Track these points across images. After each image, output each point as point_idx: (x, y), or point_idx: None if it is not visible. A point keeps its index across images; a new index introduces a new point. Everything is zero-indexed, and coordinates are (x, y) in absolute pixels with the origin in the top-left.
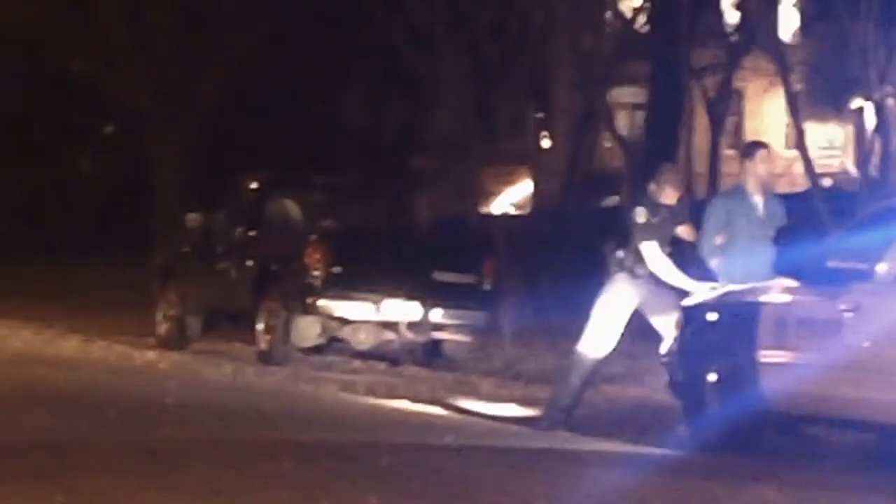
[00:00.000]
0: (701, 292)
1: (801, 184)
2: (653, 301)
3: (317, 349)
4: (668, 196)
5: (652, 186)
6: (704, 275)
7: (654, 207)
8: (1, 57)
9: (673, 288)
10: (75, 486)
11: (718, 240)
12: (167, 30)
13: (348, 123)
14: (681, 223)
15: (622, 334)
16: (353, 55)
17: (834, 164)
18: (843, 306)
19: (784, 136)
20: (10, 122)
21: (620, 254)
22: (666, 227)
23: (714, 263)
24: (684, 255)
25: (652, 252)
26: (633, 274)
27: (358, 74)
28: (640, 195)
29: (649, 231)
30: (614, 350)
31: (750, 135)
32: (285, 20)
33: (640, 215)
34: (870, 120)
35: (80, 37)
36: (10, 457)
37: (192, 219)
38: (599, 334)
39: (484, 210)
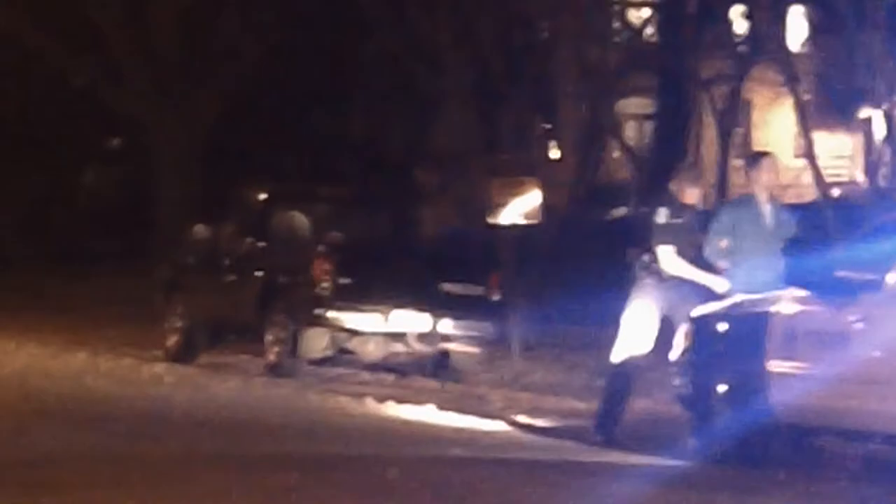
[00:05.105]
0: (721, 285)
1: (809, 194)
2: (679, 306)
3: (325, 361)
4: (688, 196)
5: (672, 186)
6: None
7: (677, 209)
8: (6, 68)
9: (698, 294)
10: (82, 499)
11: (723, 244)
12: (170, 41)
13: (352, 135)
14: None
15: (655, 340)
16: (357, 67)
17: (843, 174)
18: (852, 317)
19: (792, 147)
20: (15, 134)
21: (646, 258)
22: (689, 230)
23: (722, 265)
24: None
25: (666, 255)
26: (659, 277)
27: (362, 86)
28: (663, 196)
29: (668, 233)
30: (650, 354)
31: (758, 145)
32: (288, 32)
33: (661, 216)
34: (878, 130)
35: (81, 49)
36: (17, 470)
37: (199, 231)
38: (630, 341)
39: (491, 221)
